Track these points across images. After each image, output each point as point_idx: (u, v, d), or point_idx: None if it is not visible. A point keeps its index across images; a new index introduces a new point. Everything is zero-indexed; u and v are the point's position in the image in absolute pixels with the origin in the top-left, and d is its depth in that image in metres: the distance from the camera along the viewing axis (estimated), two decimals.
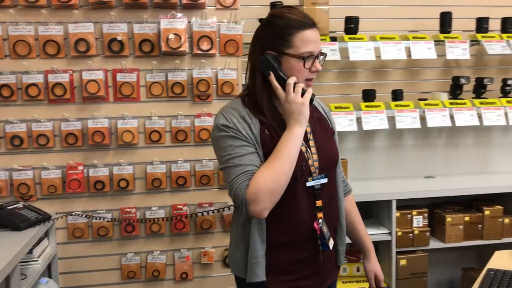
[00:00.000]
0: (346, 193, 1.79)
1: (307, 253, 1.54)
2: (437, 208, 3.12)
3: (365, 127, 2.96)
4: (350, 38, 2.97)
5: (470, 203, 3.17)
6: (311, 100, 1.47)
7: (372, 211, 3.11)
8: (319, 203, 1.52)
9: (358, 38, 2.98)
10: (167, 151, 2.55)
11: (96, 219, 2.48)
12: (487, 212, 3.02)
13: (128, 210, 2.52)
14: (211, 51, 2.51)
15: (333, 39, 2.96)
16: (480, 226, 3.02)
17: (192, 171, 2.58)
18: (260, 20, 1.55)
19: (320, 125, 1.61)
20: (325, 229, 1.52)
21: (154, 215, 2.55)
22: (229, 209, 2.59)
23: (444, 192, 3.02)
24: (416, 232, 2.95)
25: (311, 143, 1.53)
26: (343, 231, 1.67)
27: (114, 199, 2.53)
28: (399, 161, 3.36)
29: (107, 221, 2.49)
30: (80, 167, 2.46)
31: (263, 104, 1.49)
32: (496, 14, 3.21)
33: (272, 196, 1.38)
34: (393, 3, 3.16)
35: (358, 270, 3.05)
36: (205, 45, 2.50)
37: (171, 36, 2.41)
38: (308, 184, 1.50)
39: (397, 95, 3.09)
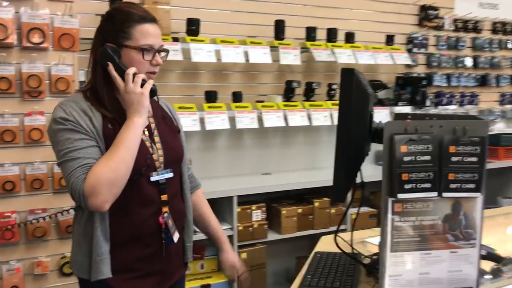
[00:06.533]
0: (195, 188, 1.80)
1: (152, 249, 1.52)
2: (273, 202, 3.35)
3: (208, 127, 3.06)
4: (192, 40, 3.03)
5: (302, 197, 3.48)
6: (154, 93, 1.47)
7: (215, 208, 3.19)
8: (164, 197, 1.52)
9: (200, 40, 3.05)
10: None
11: None
12: (316, 204, 3.34)
13: None
14: (43, 45, 2.33)
15: (175, 39, 2.99)
16: (311, 217, 3.32)
17: (22, 174, 2.36)
18: (103, 16, 1.53)
19: (165, 123, 1.62)
20: (170, 222, 1.52)
21: None
22: (62, 214, 2.42)
23: (279, 187, 3.27)
24: (255, 225, 3.13)
25: (156, 138, 1.53)
26: (190, 228, 1.68)
27: None
28: (239, 160, 3.52)
29: None
30: None
31: (104, 98, 1.47)
32: (323, 24, 3.57)
33: (112, 188, 1.35)
34: (232, 8, 3.30)
35: (202, 267, 3.11)
36: (36, 38, 2.31)
37: None
38: (152, 178, 1.49)
39: (237, 97, 3.24)
